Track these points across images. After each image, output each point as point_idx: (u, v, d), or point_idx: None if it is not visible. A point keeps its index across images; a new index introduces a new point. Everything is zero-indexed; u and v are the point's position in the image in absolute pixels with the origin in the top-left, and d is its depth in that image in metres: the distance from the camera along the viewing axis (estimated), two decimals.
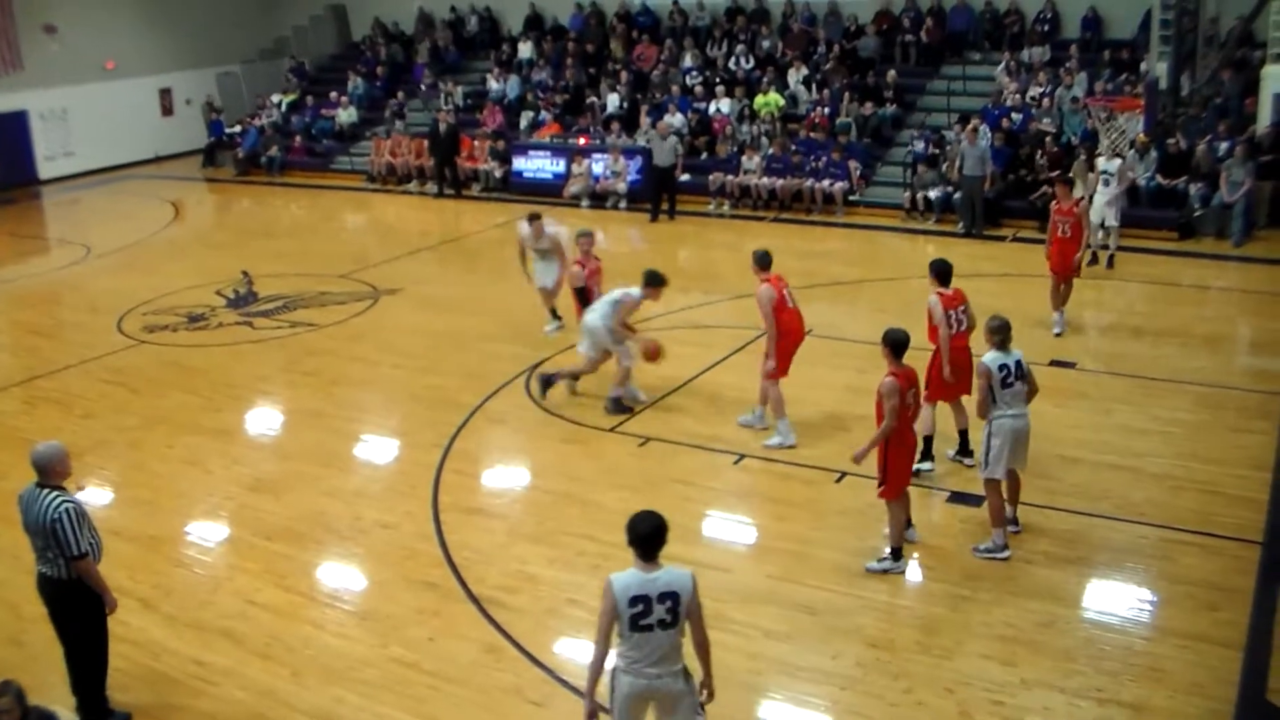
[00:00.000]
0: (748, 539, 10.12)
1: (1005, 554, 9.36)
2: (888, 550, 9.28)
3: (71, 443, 8.26)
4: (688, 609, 6.15)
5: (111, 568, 8.10)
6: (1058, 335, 14.29)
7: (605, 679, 6.26)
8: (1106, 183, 17.11)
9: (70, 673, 7.73)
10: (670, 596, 6.10)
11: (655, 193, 22.53)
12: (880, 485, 9.22)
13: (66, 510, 7.25)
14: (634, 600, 6.07)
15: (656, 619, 6.09)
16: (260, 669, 8.36)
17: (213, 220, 26.56)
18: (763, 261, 11.65)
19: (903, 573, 9.28)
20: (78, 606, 7.49)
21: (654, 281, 12.64)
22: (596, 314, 12.68)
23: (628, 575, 6.13)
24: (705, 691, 6.45)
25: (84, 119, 29.98)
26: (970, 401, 10.81)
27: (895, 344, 9.07)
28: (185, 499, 11.23)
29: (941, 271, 10.87)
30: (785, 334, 11.48)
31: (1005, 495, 9.51)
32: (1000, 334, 9.29)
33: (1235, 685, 7.70)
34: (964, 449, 11.00)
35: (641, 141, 24.09)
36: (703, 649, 6.34)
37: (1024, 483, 9.92)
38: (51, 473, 7.43)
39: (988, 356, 9.28)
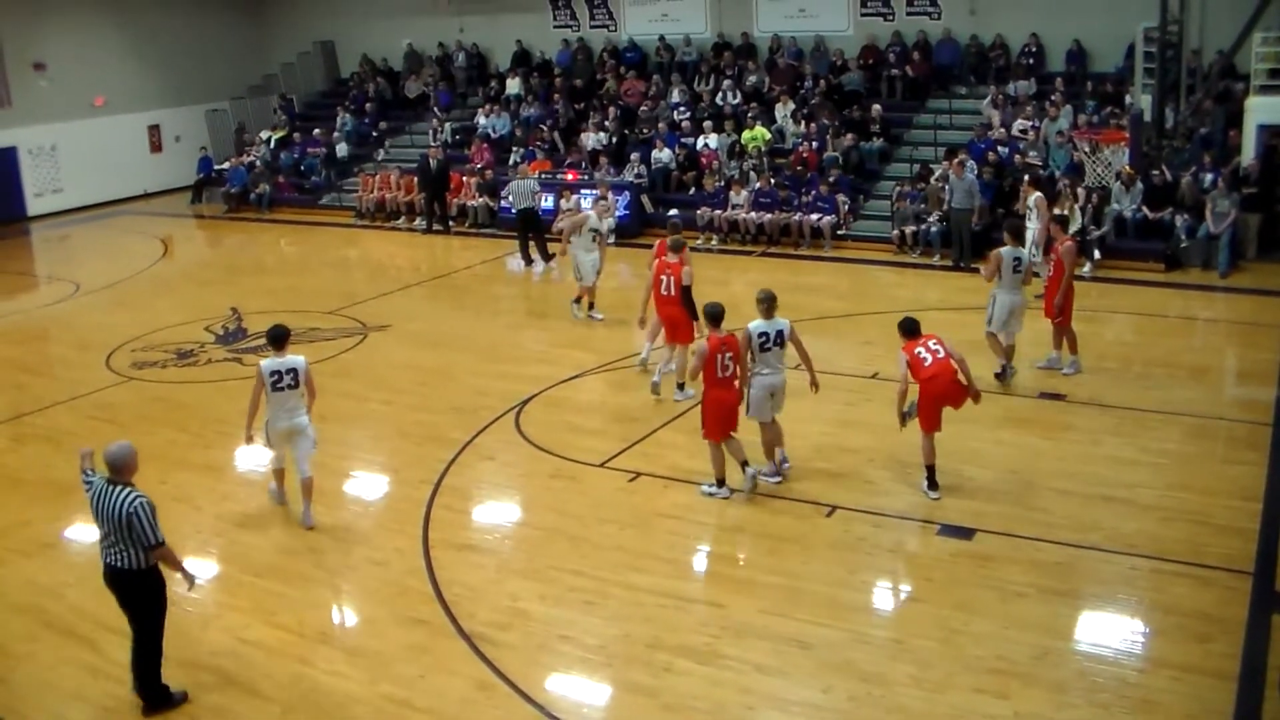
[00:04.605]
0: (739, 574, 10.07)
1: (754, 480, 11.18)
2: (714, 479, 11.19)
3: (61, 480, 8.21)
4: (305, 376, 10.59)
5: (101, 604, 8.05)
6: (1065, 374, 14.03)
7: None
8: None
9: (135, 657, 8.19)
10: (292, 371, 10.53)
11: (522, 235, 21.92)
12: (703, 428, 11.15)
13: (140, 504, 7.84)
14: (273, 373, 10.48)
15: (286, 384, 10.54)
16: (250, 707, 8.30)
17: (202, 257, 26.55)
18: (673, 246, 14.13)
19: (728, 498, 11.11)
20: (147, 593, 8.10)
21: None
22: None
23: (269, 360, 10.56)
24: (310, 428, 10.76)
25: (73, 155, 30.05)
26: (942, 435, 11.05)
27: (709, 315, 11.08)
28: (174, 535, 10.98)
29: (905, 329, 11.04)
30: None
31: (772, 437, 11.35)
32: (764, 304, 11.08)
33: (1229, 717, 7.70)
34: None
35: (629, 176, 24.27)
36: (311, 398, 10.81)
37: (1014, 515, 10.34)
38: (124, 469, 7.97)
39: (752, 324, 11.02)
